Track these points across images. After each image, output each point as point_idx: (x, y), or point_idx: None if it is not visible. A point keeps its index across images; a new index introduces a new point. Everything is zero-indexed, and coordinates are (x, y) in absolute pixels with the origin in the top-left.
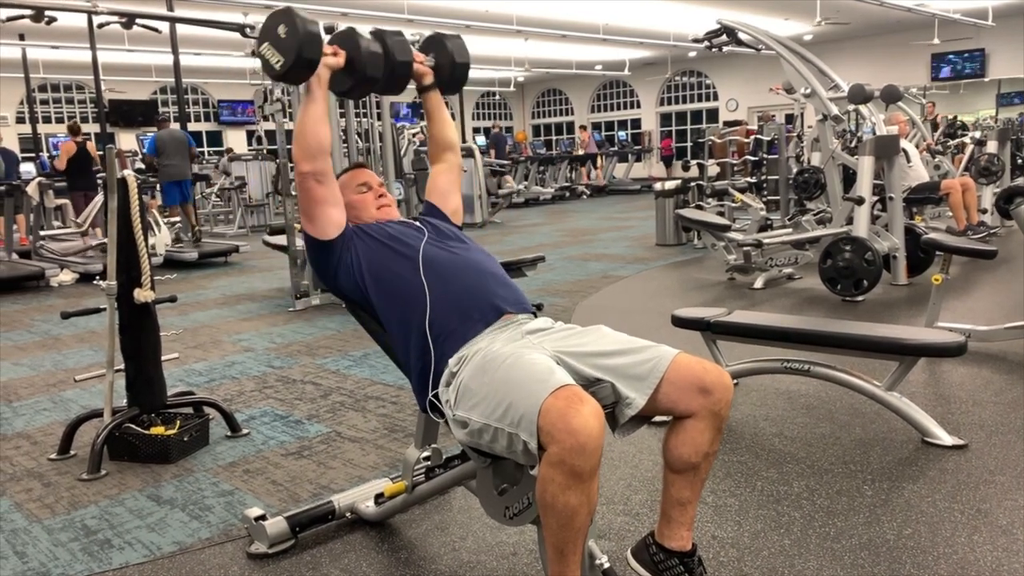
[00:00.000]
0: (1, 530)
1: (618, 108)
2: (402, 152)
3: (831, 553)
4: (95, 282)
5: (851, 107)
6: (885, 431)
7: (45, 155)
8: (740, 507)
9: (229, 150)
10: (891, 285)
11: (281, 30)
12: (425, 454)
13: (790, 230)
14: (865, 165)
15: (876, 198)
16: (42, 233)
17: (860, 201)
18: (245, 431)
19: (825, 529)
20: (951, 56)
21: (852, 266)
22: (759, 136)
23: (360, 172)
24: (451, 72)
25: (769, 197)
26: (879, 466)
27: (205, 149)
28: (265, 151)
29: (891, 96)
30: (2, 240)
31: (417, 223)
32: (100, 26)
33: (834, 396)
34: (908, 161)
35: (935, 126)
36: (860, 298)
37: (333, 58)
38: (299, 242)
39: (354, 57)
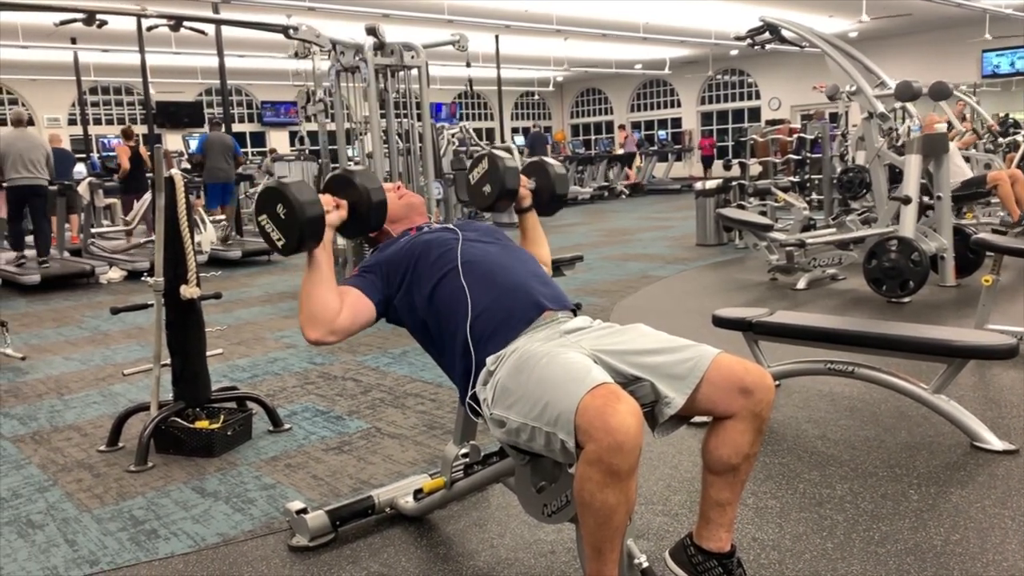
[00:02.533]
0: (53, 519)
1: (658, 107)
2: (441, 152)
3: (875, 558)
4: (143, 279)
5: (898, 105)
6: (932, 435)
7: (96, 156)
8: (781, 509)
9: (272, 151)
10: (938, 286)
11: (280, 209)
12: (464, 451)
13: (834, 230)
14: (912, 164)
15: (927, 198)
16: (92, 231)
17: (907, 200)
18: (287, 426)
19: (869, 533)
20: (1003, 52)
21: (898, 267)
22: (802, 135)
23: None
24: (550, 199)
25: (813, 196)
26: (926, 470)
27: (248, 150)
28: (307, 151)
29: (940, 93)
30: (55, 238)
31: (451, 226)
32: (149, 29)
33: (879, 399)
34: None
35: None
36: (906, 299)
37: (336, 213)
38: (340, 241)
39: (356, 203)
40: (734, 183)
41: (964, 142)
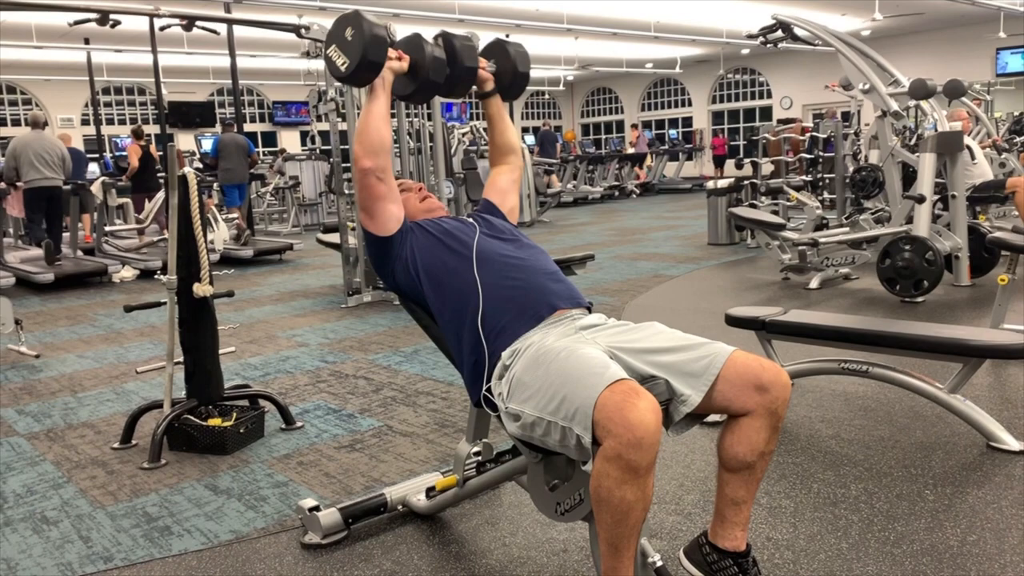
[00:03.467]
0: (67, 515)
1: (669, 106)
2: (452, 152)
3: (891, 558)
4: (156, 277)
5: (912, 103)
6: (947, 435)
7: (108, 155)
8: (795, 509)
9: (283, 150)
10: (953, 286)
11: (348, 33)
12: (476, 449)
13: (847, 229)
14: (926, 162)
15: (937, 196)
16: (106, 230)
17: (921, 199)
18: (299, 424)
19: (884, 533)
20: (1017, 50)
21: (912, 266)
22: (815, 134)
23: (400, 181)
24: (512, 80)
25: (825, 195)
26: (941, 470)
27: (260, 149)
28: (318, 151)
29: (955, 91)
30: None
31: (470, 219)
32: (162, 29)
33: (893, 398)
34: (972, 158)
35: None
36: (920, 299)
37: (397, 62)
38: (351, 240)
39: (418, 61)
40: (746, 182)
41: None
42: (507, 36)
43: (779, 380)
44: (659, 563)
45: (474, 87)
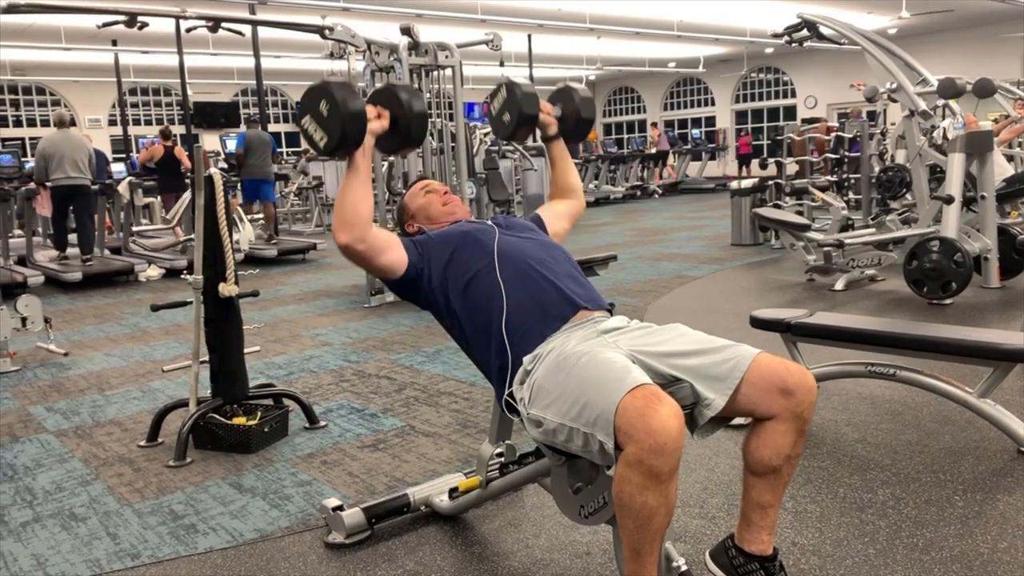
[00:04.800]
0: (95, 512)
1: (692, 106)
2: (474, 152)
3: (920, 565)
4: (183, 276)
5: (940, 102)
6: (977, 440)
7: (135, 155)
8: (821, 514)
9: (306, 151)
10: (981, 288)
11: (323, 107)
12: (499, 450)
13: (873, 230)
14: (955, 163)
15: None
16: (133, 229)
17: (949, 200)
18: (323, 423)
19: (913, 540)
20: None
21: (940, 268)
22: (840, 133)
23: (426, 182)
24: (575, 124)
25: (851, 196)
26: (971, 476)
27: (284, 149)
28: None
29: (984, 90)
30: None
31: (489, 222)
32: (188, 30)
33: (921, 402)
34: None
35: None
36: (948, 301)
37: (377, 122)
38: None
39: (397, 114)
40: (770, 182)
41: (1014, 131)
42: (529, 36)
43: (804, 383)
44: (683, 568)
45: (538, 130)
